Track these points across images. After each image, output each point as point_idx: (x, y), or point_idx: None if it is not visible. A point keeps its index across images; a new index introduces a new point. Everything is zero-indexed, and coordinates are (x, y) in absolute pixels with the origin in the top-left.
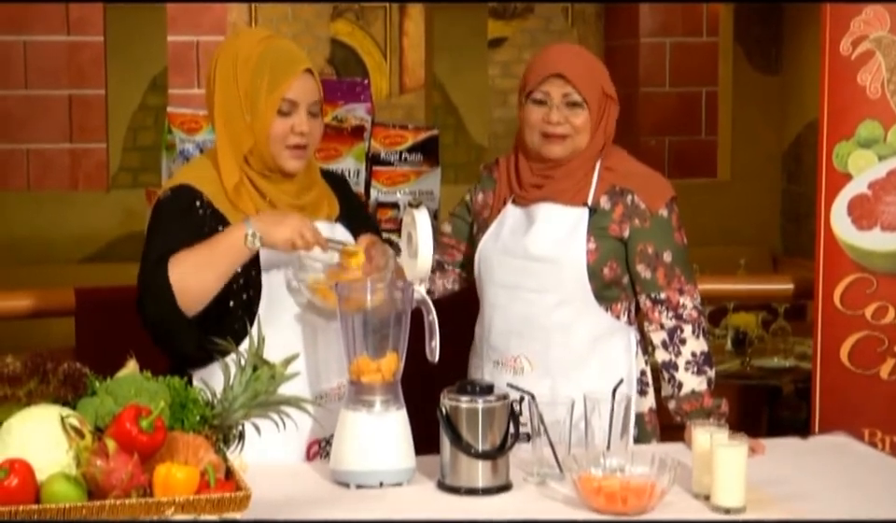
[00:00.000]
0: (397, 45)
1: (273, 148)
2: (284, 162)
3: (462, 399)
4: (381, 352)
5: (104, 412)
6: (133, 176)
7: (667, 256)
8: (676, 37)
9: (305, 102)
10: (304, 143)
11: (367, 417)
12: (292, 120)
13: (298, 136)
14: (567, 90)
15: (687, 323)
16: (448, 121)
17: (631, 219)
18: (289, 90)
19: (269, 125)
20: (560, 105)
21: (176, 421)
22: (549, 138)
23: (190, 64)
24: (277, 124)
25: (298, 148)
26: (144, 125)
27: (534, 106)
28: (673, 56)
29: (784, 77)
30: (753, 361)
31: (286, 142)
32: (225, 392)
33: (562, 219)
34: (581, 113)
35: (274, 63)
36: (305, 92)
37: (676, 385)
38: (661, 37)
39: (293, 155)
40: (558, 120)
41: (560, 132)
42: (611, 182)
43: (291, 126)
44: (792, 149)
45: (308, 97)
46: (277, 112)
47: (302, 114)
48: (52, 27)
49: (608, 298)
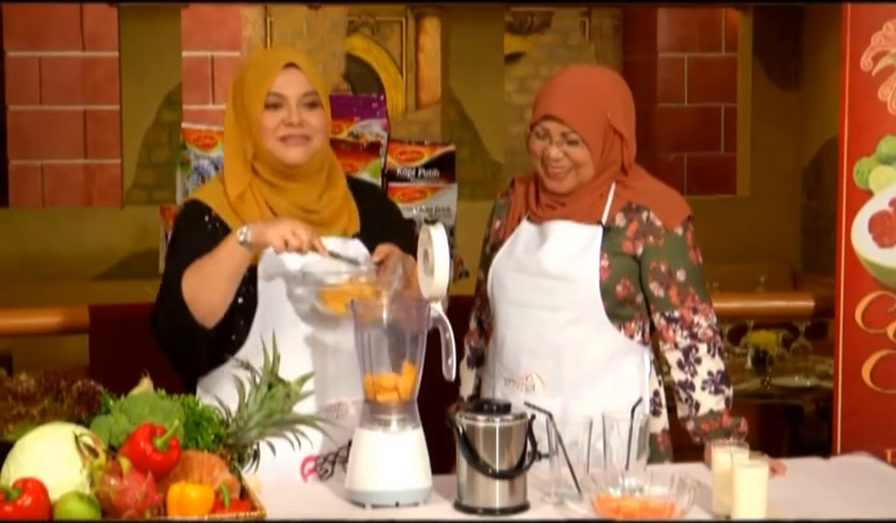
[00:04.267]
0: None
1: (267, 142)
2: (282, 153)
3: (479, 417)
4: (397, 370)
5: (118, 430)
6: (147, 192)
7: (681, 274)
8: (694, 52)
9: (294, 94)
10: (300, 133)
11: (383, 437)
12: (282, 112)
13: (289, 127)
14: (564, 129)
15: (702, 342)
16: (464, 137)
17: (645, 237)
18: (273, 84)
19: (260, 121)
20: (559, 141)
21: (191, 440)
22: (549, 173)
23: (205, 80)
24: (267, 118)
25: (293, 138)
26: (158, 141)
27: (536, 139)
28: (691, 71)
29: (804, 92)
30: (774, 380)
31: (277, 134)
32: (240, 411)
33: (576, 237)
34: (580, 149)
35: (259, 64)
36: (292, 84)
37: (693, 405)
38: (679, 52)
39: (290, 143)
40: (556, 156)
41: (560, 167)
42: (627, 199)
43: (283, 119)
44: (812, 166)
45: (296, 89)
46: (265, 106)
47: (292, 105)
48: (67, 42)
49: (621, 316)
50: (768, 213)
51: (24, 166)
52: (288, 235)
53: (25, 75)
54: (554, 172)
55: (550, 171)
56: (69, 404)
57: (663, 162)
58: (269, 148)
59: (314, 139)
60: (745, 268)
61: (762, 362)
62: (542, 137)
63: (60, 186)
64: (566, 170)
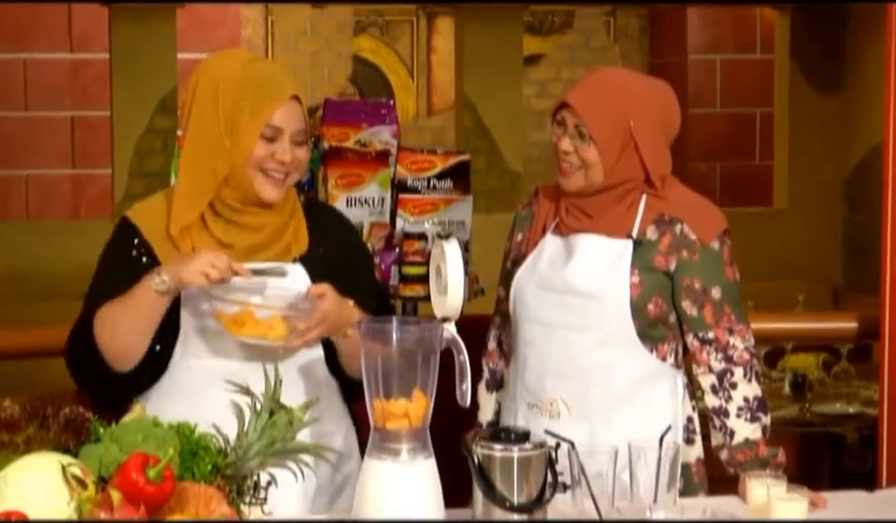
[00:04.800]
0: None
1: (248, 171)
2: (261, 188)
3: (496, 447)
4: (407, 396)
5: (108, 460)
6: None
7: (716, 292)
8: (727, 54)
9: (290, 130)
10: (285, 172)
11: (392, 467)
12: (274, 147)
13: (278, 164)
14: (577, 120)
15: (738, 366)
16: (480, 145)
17: (678, 251)
18: (273, 116)
19: (250, 149)
20: (573, 134)
21: (186, 471)
22: (560, 167)
23: None
24: (259, 148)
25: (277, 176)
26: (152, 149)
27: (557, 128)
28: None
29: (846, 96)
30: (813, 407)
31: (264, 166)
32: (239, 439)
33: (604, 251)
34: (589, 148)
35: (259, 87)
36: (290, 120)
37: (727, 433)
38: (711, 54)
39: (272, 181)
40: (566, 148)
41: (569, 163)
42: (659, 211)
43: (273, 153)
44: (855, 176)
45: (293, 125)
46: (260, 137)
47: (286, 142)
48: (54, 44)
49: (653, 337)
50: (807, 227)
51: (8, 176)
52: (207, 269)
53: (9, 78)
54: (563, 166)
55: (560, 165)
56: (56, 432)
57: (693, 171)
58: (247, 175)
59: (292, 176)
60: (782, 286)
61: (801, 388)
62: (559, 127)
63: (46, 197)
64: (574, 167)
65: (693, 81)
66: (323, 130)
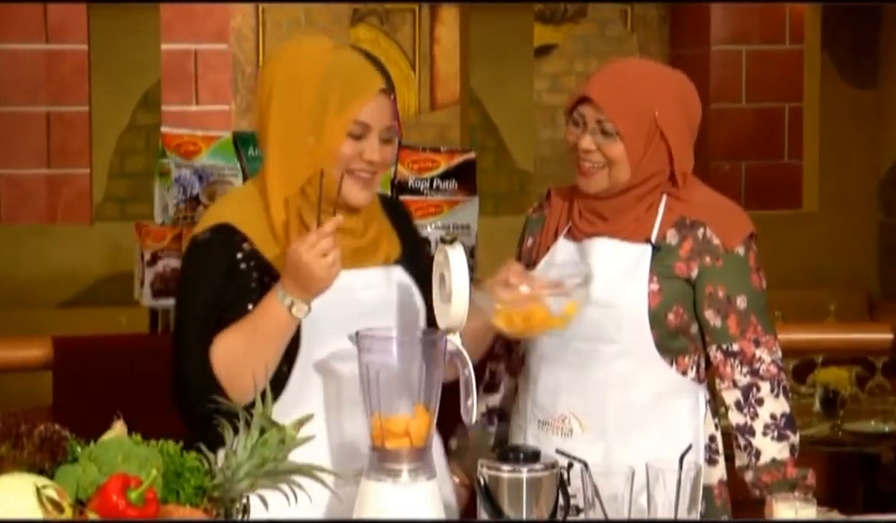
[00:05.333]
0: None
1: (333, 171)
2: (348, 192)
3: (503, 467)
4: (409, 413)
5: (86, 482)
6: (120, 207)
7: (741, 301)
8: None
9: (378, 126)
10: (372, 172)
11: (392, 489)
12: (362, 145)
13: (366, 164)
14: (600, 116)
15: (764, 380)
16: (487, 143)
17: (701, 257)
18: (362, 111)
19: (336, 148)
20: (593, 130)
21: (171, 493)
22: (580, 168)
23: (188, 77)
24: (346, 147)
25: (364, 177)
26: (133, 148)
27: (572, 127)
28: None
29: (881, 91)
30: (846, 425)
31: (351, 166)
32: (227, 459)
33: (621, 257)
34: (614, 144)
35: (347, 79)
36: (380, 115)
37: (753, 453)
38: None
39: (359, 184)
40: (587, 147)
41: (591, 162)
42: (681, 213)
43: (361, 151)
44: (891, 176)
45: (382, 121)
46: (347, 135)
47: (374, 140)
48: (28, 34)
49: (673, 350)
50: (840, 231)
51: None
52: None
53: None
54: (585, 167)
55: (580, 165)
56: (30, 452)
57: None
58: (334, 177)
59: (379, 175)
60: (812, 294)
61: (832, 404)
62: (577, 125)
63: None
64: (597, 167)
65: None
66: None
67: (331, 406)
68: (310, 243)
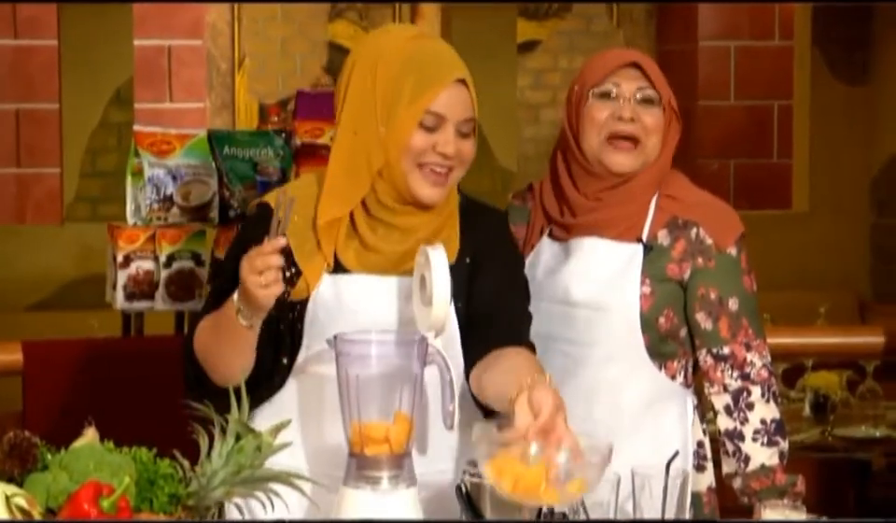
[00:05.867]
0: None
1: (404, 165)
2: (418, 187)
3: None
4: (388, 418)
5: (57, 490)
6: (91, 207)
7: (733, 303)
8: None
9: (454, 118)
10: (448, 167)
11: (372, 497)
12: (436, 137)
13: (440, 157)
14: (641, 83)
15: (755, 385)
16: None
17: (694, 258)
18: (436, 101)
19: (407, 139)
20: (632, 98)
21: (144, 501)
22: (615, 144)
23: (161, 74)
24: (417, 138)
25: (438, 172)
26: (105, 146)
27: (600, 102)
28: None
29: (873, 88)
30: (836, 430)
31: (422, 160)
32: (202, 466)
33: (611, 257)
34: (654, 111)
35: (422, 68)
36: (455, 106)
37: (742, 458)
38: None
39: (431, 180)
40: (630, 115)
41: (630, 131)
42: (672, 213)
43: (434, 144)
44: (883, 175)
45: (458, 113)
46: (419, 125)
47: (449, 132)
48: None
49: (662, 354)
50: (830, 231)
51: None
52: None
53: None
54: (621, 143)
55: (616, 142)
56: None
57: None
58: (403, 169)
59: (456, 171)
60: (802, 297)
61: (822, 409)
62: (609, 98)
63: None
64: (634, 139)
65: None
66: (295, 124)
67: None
68: (250, 257)
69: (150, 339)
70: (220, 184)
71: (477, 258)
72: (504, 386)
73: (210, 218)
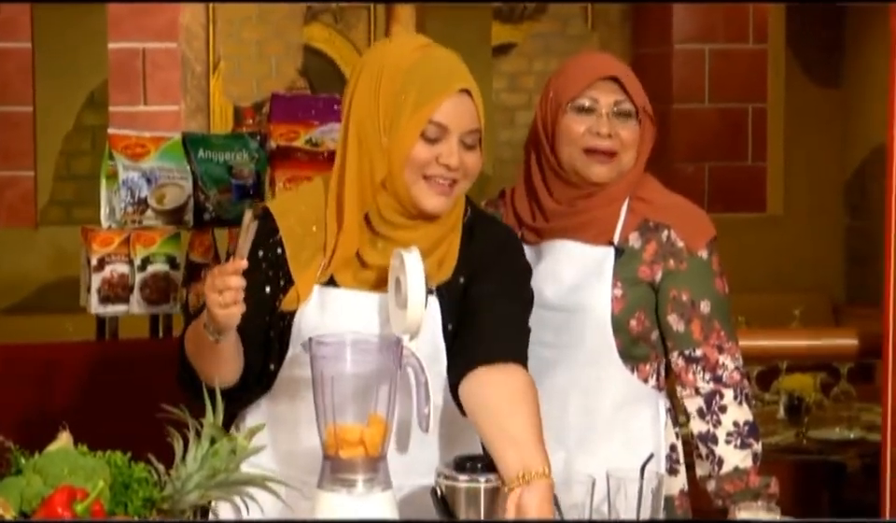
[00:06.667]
0: None
1: (407, 176)
2: (422, 197)
3: (460, 477)
4: (363, 421)
5: (31, 494)
6: (65, 210)
7: (705, 306)
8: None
9: (458, 129)
10: (451, 179)
11: (347, 500)
12: (439, 148)
13: (443, 169)
14: (619, 96)
15: (728, 387)
16: None
17: (665, 260)
18: (438, 111)
19: (409, 150)
20: (609, 113)
21: (118, 505)
22: (593, 155)
23: (136, 76)
24: (419, 150)
25: (442, 183)
26: (80, 149)
27: (577, 115)
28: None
29: (847, 90)
30: (810, 433)
31: (426, 172)
32: (177, 470)
33: (582, 260)
34: (630, 125)
35: (425, 78)
36: (459, 117)
37: (715, 461)
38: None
39: (434, 190)
40: (608, 131)
41: (607, 146)
42: (644, 216)
43: (437, 155)
44: (857, 179)
45: (462, 124)
46: (421, 136)
47: (453, 143)
48: None
49: (634, 357)
50: (804, 234)
51: None
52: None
53: None
54: (600, 151)
55: (594, 155)
56: None
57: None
58: (406, 181)
59: (461, 184)
60: (777, 299)
61: (796, 411)
62: (587, 111)
63: None
64: (611, 152)
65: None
66: (270, 128)
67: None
68: (212, 275)
69: (125, 343)
70: (195, 187)
71: (474, 272)
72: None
73: (185, 221)
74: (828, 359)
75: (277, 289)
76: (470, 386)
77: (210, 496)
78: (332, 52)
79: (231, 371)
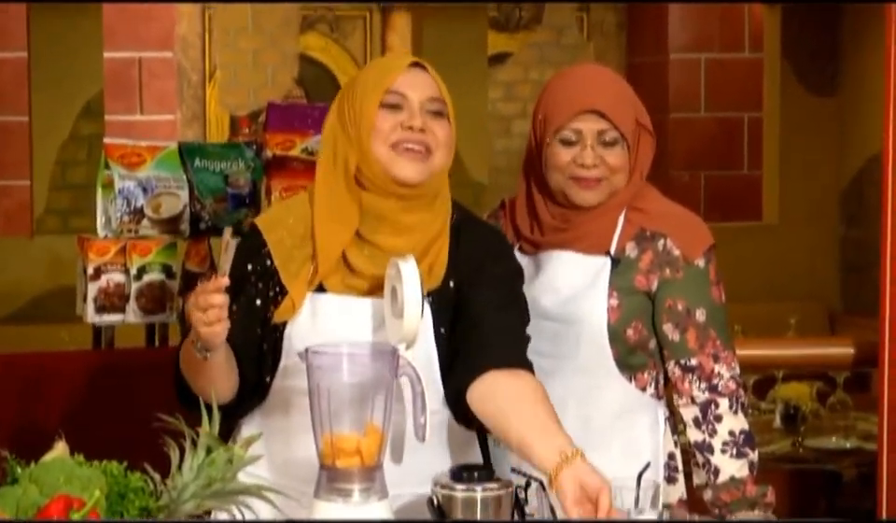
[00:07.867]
0: None
1: (377, 148)
2: (395, 167)
3: (457, 487)
4: (360, 431)
5: (27, 503)
6: (62, 219)
7: (700, 315)
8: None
9: (418, 96)
10: (420, 142)
11: (343, 509)
12: (402, 115)
13: (408, 132)
14: (602, 126)
15: (723, 396)
16: None
17: (661, 269)
18: (395, 82)
19: (371, 120)
20: (594, 144)
21: (114, 514)
22: (580, 182)
23: (132, 86)
24: (382, 119)
25: (411, 148)
26: (75, 159)
27: (562, 147)
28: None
29: (842, 99)
30: (807, 442)
31: (393, 139)
32: (173, 479)
33: (579, 271)
34: (617, 151)
35: (379, 63)
36: (416, 85)
37: (711, 470)
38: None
39: (406, 157)
40: (593, 162)
41: (593, 175)
42: (640, 225)
43: (400, 122)
44: (852, 187)
45: (421, 91)
46: (381, 105)
47: (414, 108)
48: None
49: (632, 366)
50: (800, 243)
51: None
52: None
53: None
54: (586, 182)
55: (580, 181)
56: None
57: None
58: (377, 156)
59: (436, 154)
60: (773, 308)
61: (793, 420)
62: (571, 143)
63: None
64: (599, 178)
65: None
66: (266, 137)
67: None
68: (195, 293)
69: (121, 352)
70: (191, 196)
71: (466, 277)
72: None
73: (181, 230)
74: (824, 368)
75: (268, 301)
76: (483, 389)
77: (206, 505)
78: (328, 61)
79: (227, 388)
